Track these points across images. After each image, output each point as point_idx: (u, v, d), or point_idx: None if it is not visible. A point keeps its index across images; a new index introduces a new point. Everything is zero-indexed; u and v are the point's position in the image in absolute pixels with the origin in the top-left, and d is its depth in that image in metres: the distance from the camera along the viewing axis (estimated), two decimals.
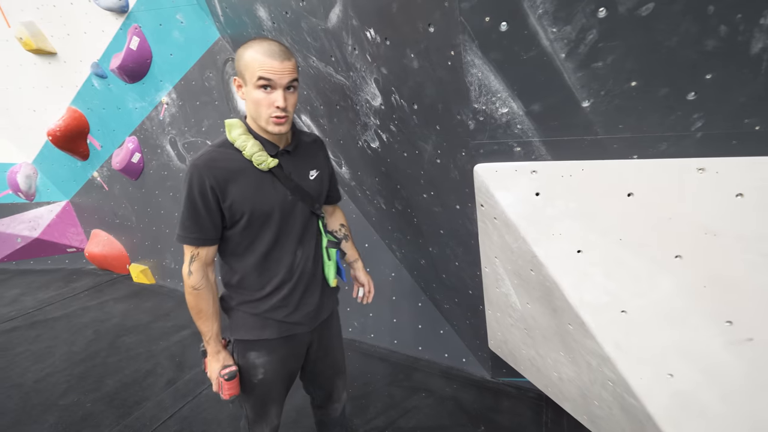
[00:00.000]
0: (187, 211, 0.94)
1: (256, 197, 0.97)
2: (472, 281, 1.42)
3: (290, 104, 0.94)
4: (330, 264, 1.15)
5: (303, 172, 1.07)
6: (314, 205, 1.08)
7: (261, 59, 0.89)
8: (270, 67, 0.88)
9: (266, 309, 1.06)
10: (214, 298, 1.04)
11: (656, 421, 0.84)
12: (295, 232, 1.05)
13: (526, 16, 0.66)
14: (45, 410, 1.99)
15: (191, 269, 0.99)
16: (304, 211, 1.06)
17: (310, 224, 1.09)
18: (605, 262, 0.84)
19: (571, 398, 1.22)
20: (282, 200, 1.01)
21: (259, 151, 0.96)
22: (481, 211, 1.03)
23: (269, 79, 0.89)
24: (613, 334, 0.86)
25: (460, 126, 0.89)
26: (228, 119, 0.99)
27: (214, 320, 1.04)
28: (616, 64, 0.67)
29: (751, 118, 0.67)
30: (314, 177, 1.09)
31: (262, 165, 0.97)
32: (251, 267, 1.03)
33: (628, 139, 0.77)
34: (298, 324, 1.10)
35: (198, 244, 0.97)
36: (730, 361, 0.77)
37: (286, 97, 0.92)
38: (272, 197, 0.99)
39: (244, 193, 0.96)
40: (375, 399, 1.98)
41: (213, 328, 1.04)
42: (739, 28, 0.58)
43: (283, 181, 1.00)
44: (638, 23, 0.62)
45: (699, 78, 0.65)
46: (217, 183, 0.92)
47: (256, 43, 0.91)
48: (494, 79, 0.76)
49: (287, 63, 0.91)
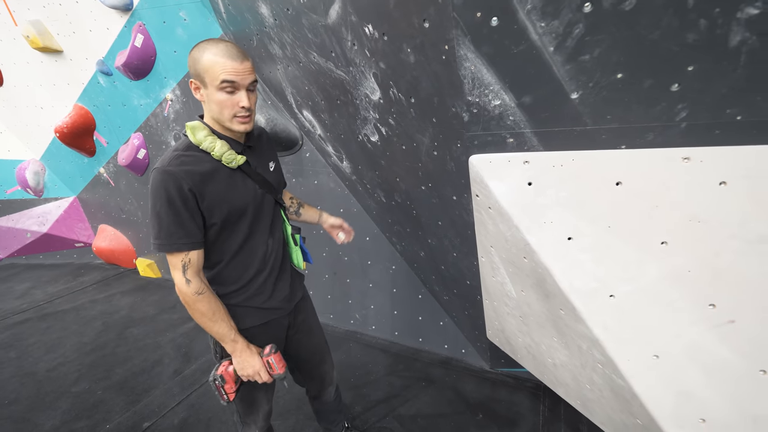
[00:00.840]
0: (169, 217, 0.91)
1: (231, 195, 0.99)
2: (470, 271, 1.46)
3: (253, 103, 0.98)
4: (296, 249, 1.20)
5: (264, 165, 1.12)
6: (277, 195, 1.14)
7: (222, 62, 0.89)
8: (232, 69, 0.90)
9: (243, 299, 1.08)
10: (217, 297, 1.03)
11: (642, 400, 0.88)
12: (265, 223, 1.09)
13: (516, 11, 0.69)
14: (58, 397, 2.07)
15: (188, 277, 0.96)
16: (270, 203, 1.11)
17: (276, 214, 1.14)
18: (594, 248, 0.88)
19: (565, 383, 1.26)
20: (253, 195, 1.05)
21: (228, 150, 0.98)
22: (477, 201, 1.06)
23: (233, 81, 0.91)
24: (602, 318, 0.90)
25: (455, 118, 0.92)
26: (189, 122, 0.99)
27: (229, 317, 1.03)
28: (602, 57, 0.70)
29: (733, 108, 0.69)
30: (273, 168, 1.16)
31: (233, 163, 0.99)
32: (226, 262, 1.04)
33: (616, 130, 0.80)
34: (275, 309, 1.14)
35: (188, 248, 0.95)
36: (713, 342, 0.80)
37: (249, 97, 0.95)
38: (245, 193, 1.03)
39: (219, 193, 0.97)
40: (376, 388, 2.03)
41: (232, 323, 1.03)
42: (717, 22, 0.61)
43: (252, 177, 1.04)
44: (622, 17, 0.65)
45: (681, 70, 0.67)
46: (195, 186, 0.93)
47: (211, 45, 0.91)
48: (486, 73, 0.79)
49: (247, 63, 0.93)
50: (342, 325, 2.60)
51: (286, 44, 1.53)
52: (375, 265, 2.34)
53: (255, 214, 1.06)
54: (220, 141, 0.98)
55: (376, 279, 2.37)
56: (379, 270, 2.34)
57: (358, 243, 2.32)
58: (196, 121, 1.00)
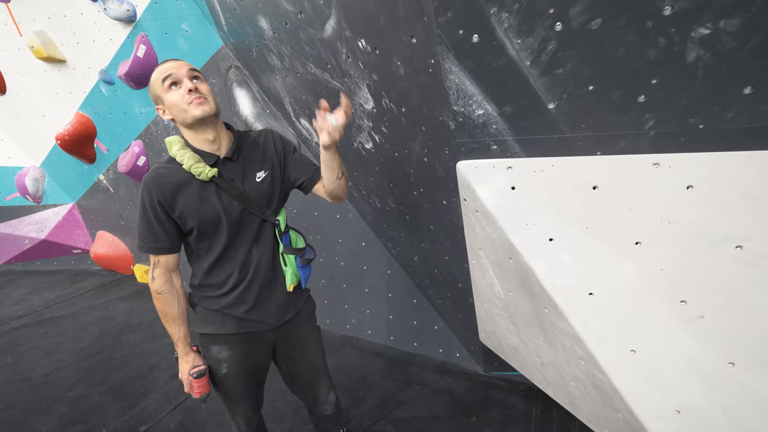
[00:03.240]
0: (142, 222, 1.02)
1: (201, 207, 1.02)
2: (461, 274, 1.51)
3: (203, 88, 1.01)
4: (287, 270, 1.17)
5: (248, 177, 1.08)
6: (264, 212, 1.10)
7: (159, 69, 1.01)
8: (167, 67, 1.00)
9: (225, 305, 1.10)
10: (180, 301, 1.10)
11: (622, 394, 0.92)
12: (247, 235, 1.09)
13: (494, 29, 0.75)
14: (54, 401, 2.07)
15: (154, 275, 1.07)
16: (253, 218, 1.09)
17: (263, 229, 1.11)
18: (574, 249, 0.93)
19: (553, 382, 1.29)
20: (228, 208, 1.04)
21: (196, 163, 1.00)
22: (465, 205, 1.12)
23: (170, 74, 0.98)
24: (583, 315, 0.94)
25: (443, 126, 0.98)
26: (168, 138, 1.06)
27: (181, 323, 1.10)
28: (574, 71, 0.76)
29: (695, 117, 0.75)
30: (262, 179, 1.10)
31: (201, 175, 1.00)
32: (208, 268, 1.08)
33: (591, 138, 0.85)
34: (257, 321, 1.14)
35: (155, 252, 1.04)
36: (685, 337, 0.85)
37: (193, 83, 1.00)
38: (217, 206, 1.03)
39: (189, 204, 1.01)
40: (371, 392, 2.06)
41: (180, 330, 1.09)
42: (674, 40, 0.67)
43: (226, 190, 1.04)
44: (590, 35, 0.71)
45: (646, 83, 0.74)
46: (164, 197, 0.99)
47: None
48: (470, 84, 0.85)
49: (181, 62, 1.01)
50: (338, 330, 2.62)
51: (284, 56, 1.60)
52: (370, 270, 2.38)
53: (232, 227, 1.06)
54: (189, 153, 1.01)
55: (372, 284, 2.40)
56: (374, 275, 2.38)
57: (354, 248, 2.36)
58: (175, 136, 1.07)
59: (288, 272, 1.17)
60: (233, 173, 1.07)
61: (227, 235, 1.06)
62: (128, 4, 2.36)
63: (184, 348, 1.11)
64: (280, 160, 1.15)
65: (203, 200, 1.03)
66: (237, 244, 1.08)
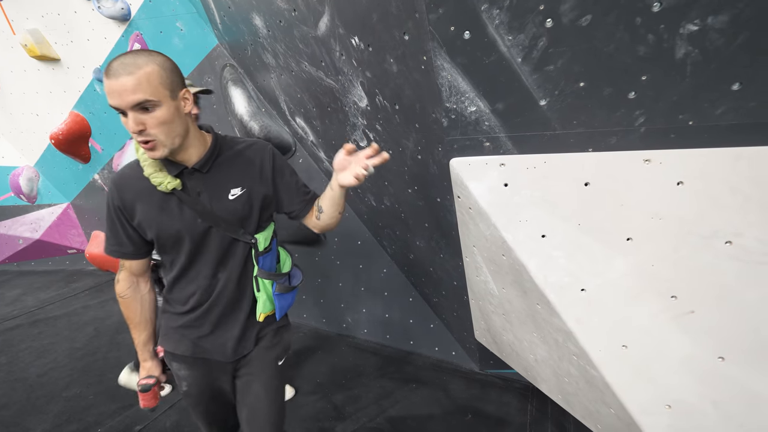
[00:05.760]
0: (108, 224, 0.94)
1: (161, 220, 0.91)
2: (456, 272, 1.51)
3: (152, 124, 0.78)
4: (260, 296, 1.03)
5: (220, 192, 0.94)
6: (237, 231, 0.95)
7: (105, 80, 0.76)
8: (109, 89, 0.76)
9: (182, 324, 1.02)
10: (143, 308, 1.02)
11: (613, 389, 0.92)
12: (211, 257, 0.96)
13: (485, 26, 0.75)
14: (48, 401, 2.06)
15: (119, 277, 1.00)
16: (221, 236, 0.95)
17: (233, 249, 0.98)
18: (566, 245, 0.93)
19: (547, 378, 1.30)
20: (190, 224, 0.92)
21: (156, 172, 0.88)
22: (458, 202, 1.12)
23: (114, 102, 0.76)
24: (575, 311, 0.95)
25: (436, 123, 0.98)
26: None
27: (142, 330, 1.02)
28: (565, 67, 0.77)
29: (684, 114, 0.76)
30: (236, 197, 0.94)
31: (161, 186, 0.88)
32: (172, 282, 1.00)
33: (583, 134, 0.86)
34: (209, 350, 1.03)
35: (117, 256, 0.96)
36: (676, 332, 0.85)
37: (140, 119, 0.77)
38: (178, 221, 0.91)
39: (148, 215, 0.91)
40: (367, 390, 2.06)
41: (140, 337, 1.03)
42: (663, 37, 0.68)
43: (188, 205, 0.91)
44: (580, 32, 0.72)
45: (636, 79, 0.74)
46: (123, 203, 0.90)
47: None
48: (462, 81, 0.85)
49: (125, 79, 0.75)
50: (334, 328, 2.62)
51: (279, 54, 1.59)
52: (366, 269, 2.38)
53: (194, 245, 0.94)
54: (150, 161, 0.89)
55: (368, 283, 2.40)
56: (370, 274, 2.38)
57: (350, 247, 2.36)
58: None
59: (261, 299, 1.03)
60: (201, 186, 0.92)
61: (188, 252, 0.94)
62: (122, 3, 2.35)
63: (142, 355, 1.04)
64: (267, 181, 0.99)
65: (164, 212, 0.91)
66: (199, 264, 0.96)
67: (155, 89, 0.77)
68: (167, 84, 0.79)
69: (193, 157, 0.91)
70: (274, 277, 1.04)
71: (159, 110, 0.78)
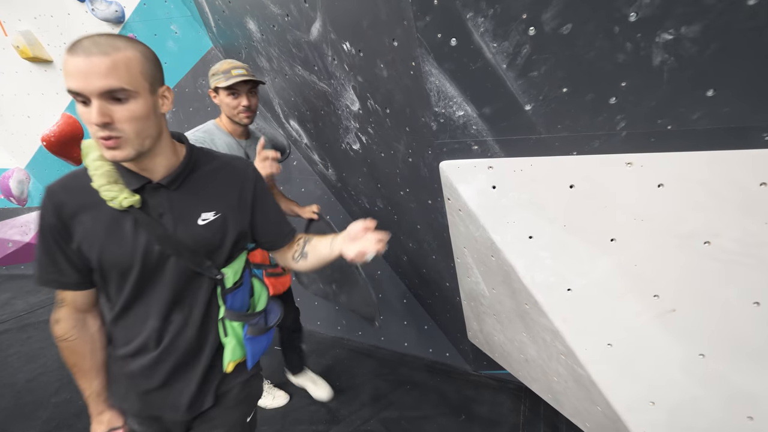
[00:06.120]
0: (41, 245, 0.74)
1: (106, 243, 0.73)
2: (448, 273, 1.53)
3: (122, 118, 0.64)
4: (228, 342, 0.85)
5: (188, 215, 0.77)
6: (202, 263, 0.78)
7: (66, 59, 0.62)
8: (72, 69, 0.61)
9: (128, 373, 0.82)
10: (95, 351, 0.81)
11: (599, 387, 0.95)
12: (164, 293, 0.78)
13: (471, 33, 0.78)
14: (37, 407, 2.03)
15: (58, 316, 0.78)
16: (181, 269, 0.78)
17: (194, 285, 0.80)
18: (553, 246, 0.96)
19: (537, 378, 1.32)
20: (144, 251, 0.74)
21: (110, 183, 0.71)
22: (449, 205, 1.14)
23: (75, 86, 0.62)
24: (561, 311, 0.97)
25: (425, 127, 1.00)
26: (85, 140, 0.77)
27: (94, 377, 0.82)
28: (548, 74, 0.79)
29: (663, 119, 0.79)
30: (207, 222, 0.79)
31: (113, 202, 0.71)
32: (113, 318, 0.80)
33: (567, 138, 0.89)
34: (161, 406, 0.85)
35: (57, 287, 0.76)
36: (658, 330, 0.88)
37: (107, 110, 0.62)
38: (129, 245, 0.73)
39: (91, 235, 0.72)
40: (361, 392, 2.06)
41: (92, 386, 0.82)
42: (641, 45, 0.70)
43: (146, 228, 0.73)
44: (562, 39, 0.74)
45: (616, 85, 0.77)
46: (60, 219, 0.71)
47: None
48: (450, 86, 0.88)
49: (98, 59, 0.60)
50: (329, 331, 2.62)
51: (272, 58, 1.61)
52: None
53: (144, 277, 0.76)
54: (106, 168, 0.72)
55: None
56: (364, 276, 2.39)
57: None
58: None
59: (229, 345, 0.85)
60: (165, 206, 0.76)
61: (135, 285, 0.76)
62: (116, 5, 2.35)
63: (97, 407, 0.83)
64: (246, 208, 0.84)
65: (112, 234, 0.73)
66: (148, 302, 0.78)
67: (134, 78, 0.64)
68: (148, 75, 0.67)
69: (160, 169, 0.75)
70: (245, 318, 0.86)
71: (134, 103, 0.65)
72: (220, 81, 1.37)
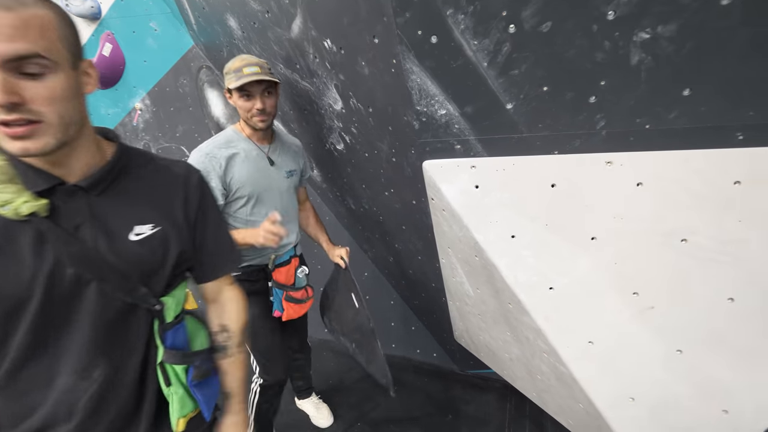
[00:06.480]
0: None
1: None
2: (433, 274, 1.52)
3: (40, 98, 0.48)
4: (174, 392, 0.66)
5: (116, 228, 0.60)
6: (136, 291, 0.60)
7: None
8: None
9: None
10: None
11: (581, 384, 0.95)
12: (82, 336, 0.57)
13: (451, 30, 0.77)
14: None
15: None
16: (107, 300, 0.59)
17: (125, 321, 0.61)
18: (535, 245, 0.96)
19: (521, 376, 1.32)
20: (49, 276, 0.54)
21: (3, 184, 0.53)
22: (432, 205, 1.13)
23: None
24: (544, 309, 0.97)
25: (408, 126, 0.99)
26: None
27: None
28: (529, 72, 0.79)
29: (642, 118, 0.79)
30: (143, 238, 0.62)
31: (5, 209, 0.52)
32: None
33: (548, 137, 0.88)
34: None
35: None
36: (637, 327, 0.89)
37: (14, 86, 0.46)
38: (25, 269, 0.54)
39: None
40: (348, 395, 2.04)
41: None
42: (619, 44, 0.71)
43: (55, 243, 0.54)
44: (541, 38, 0.74)
45: (595, 84, 0.77)
46: None
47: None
48: (431, 84, 0.87)
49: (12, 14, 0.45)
50: (316, 334, 2.58)
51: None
52: None
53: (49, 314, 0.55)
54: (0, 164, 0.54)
55: None
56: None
57: None
58: None
59: (175, 397, 0.66)
60: (84, 215, 0.58)
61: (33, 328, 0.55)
62: (92, 1, 2.28)
63: None
64: (190, 220, 0.68)
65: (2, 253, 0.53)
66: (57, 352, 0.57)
67: (51, 44, 0.48)
68: (68, 43, 0.51)
69: (79, 167, 0.57)
70: (189, 359, 0.67)
71: (54, 78, 0.49)
72: (231, 81, 1.24)
